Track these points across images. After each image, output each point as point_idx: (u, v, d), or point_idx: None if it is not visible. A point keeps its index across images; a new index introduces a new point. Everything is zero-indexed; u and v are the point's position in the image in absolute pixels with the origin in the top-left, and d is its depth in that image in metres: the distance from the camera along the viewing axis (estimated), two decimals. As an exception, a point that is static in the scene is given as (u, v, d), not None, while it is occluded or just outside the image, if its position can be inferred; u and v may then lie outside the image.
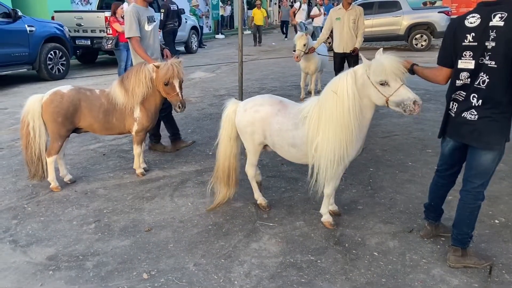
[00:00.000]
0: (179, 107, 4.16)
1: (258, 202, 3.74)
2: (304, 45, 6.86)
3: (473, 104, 2.58)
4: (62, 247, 3.15)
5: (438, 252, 3.03)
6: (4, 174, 4.49)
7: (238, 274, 2.82)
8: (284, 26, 20.47)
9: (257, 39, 18.25)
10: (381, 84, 2.76)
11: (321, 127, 3.00)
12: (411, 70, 2.90)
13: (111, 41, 8.73)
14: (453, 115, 2.72)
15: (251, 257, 3.00)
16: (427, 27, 13.93)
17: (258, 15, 18.52)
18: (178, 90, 4.13)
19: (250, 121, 3.36)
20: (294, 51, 7.01)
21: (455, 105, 2.70)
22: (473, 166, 2.70)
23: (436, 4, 20.05)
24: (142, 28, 4.62)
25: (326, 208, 3.42)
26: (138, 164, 4.48)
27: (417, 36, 14.08)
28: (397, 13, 14.12)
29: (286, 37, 20.05)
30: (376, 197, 3.91)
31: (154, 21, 4.84)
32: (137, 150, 4.41)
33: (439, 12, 14.17)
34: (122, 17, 8.87)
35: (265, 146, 3.51)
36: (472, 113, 2.59)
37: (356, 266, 2.89)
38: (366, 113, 2.97)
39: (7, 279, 2.78)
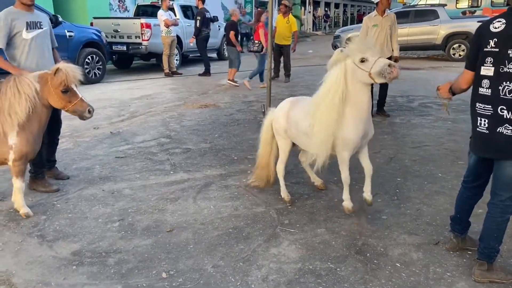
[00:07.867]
0: (89, 112, 3.58)
1: (282, 195, 3.92)
2: None
3: (505, 117, 2.43)
4: (86, 244, 3.23)
5: (463, 265, 2.92)
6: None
7: (255, 278, 2.80)
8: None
9: (278, 70, 10.63)
10: (362, 61, 3.08)
11: (317, 112, 3.32)
12: (451, 91, 2.84)
13: (257, 45, 9.29)
14: (486, 131, 2.53)
15: (270, 261, 2.98)
16: (466, 37, 13.50)
17: (281, 27, 10.14)
18: (80, 94, 3.52)
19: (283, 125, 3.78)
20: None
21: (484, 120, 2.53)
22: (500, 178, 2.57)
23: (476, 14, 19.49)
24: (16, 35, 3.81)
25: (347, 194, 3.58)
26: (21, 202, 3.59)
27: (455, 45, 13.71)
28: (434, 22, 13.81)
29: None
30: (402, 208, 3.81)
31: (41, 28, 3.98)
32: (17, 183, 3.54)
33: (478, 21, 13.74)
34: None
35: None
36: (507, 127, 2.43)
37: (377, 276, 2.81)
38: (362, 97, 3.22)
39: (32, 272, 2.88)
